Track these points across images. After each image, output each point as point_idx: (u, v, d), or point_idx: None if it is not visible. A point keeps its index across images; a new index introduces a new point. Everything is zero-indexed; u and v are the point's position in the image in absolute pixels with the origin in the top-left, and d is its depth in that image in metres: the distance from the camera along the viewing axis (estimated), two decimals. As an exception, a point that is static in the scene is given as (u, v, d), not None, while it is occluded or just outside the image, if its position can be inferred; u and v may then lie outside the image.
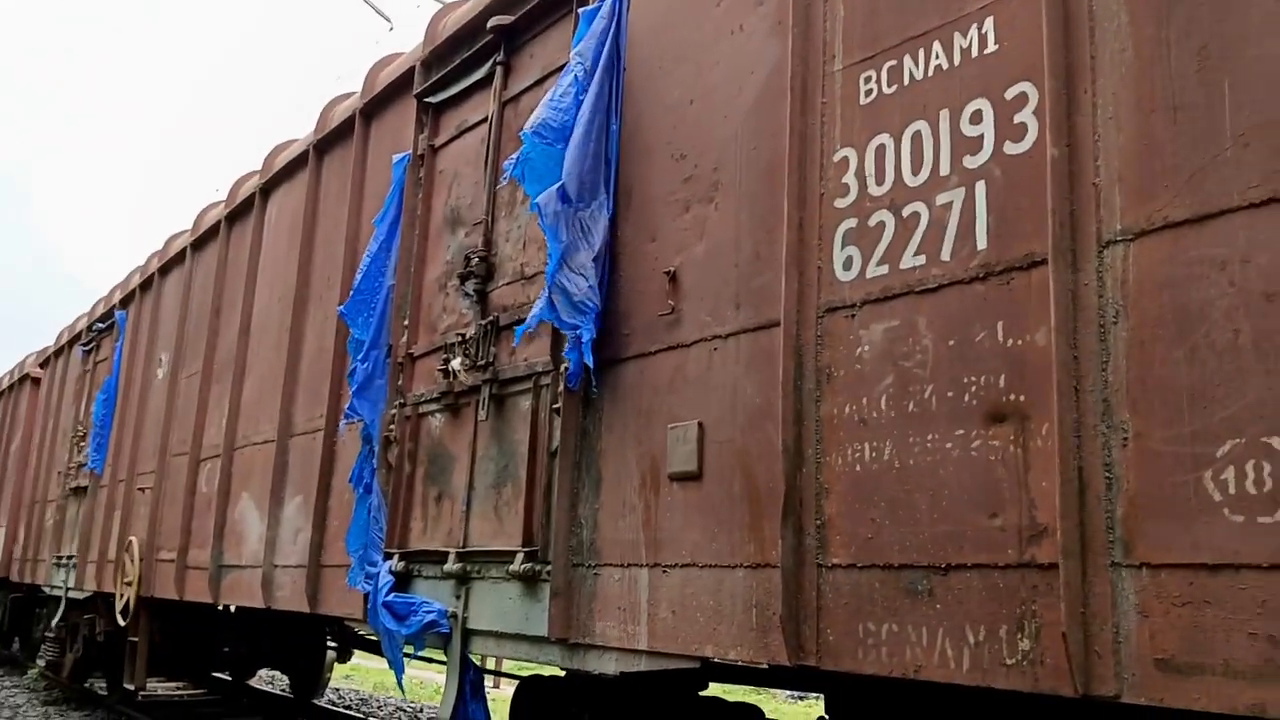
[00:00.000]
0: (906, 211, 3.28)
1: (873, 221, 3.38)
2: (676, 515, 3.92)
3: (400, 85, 6.73)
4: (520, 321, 4.73)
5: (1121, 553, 2.58)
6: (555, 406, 4.66)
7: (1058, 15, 2.94)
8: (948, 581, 2.95)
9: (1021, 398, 2.87)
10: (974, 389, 2.99)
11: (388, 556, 5.64)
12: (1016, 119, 3.03)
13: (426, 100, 6.35)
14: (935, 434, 3.06)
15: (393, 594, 5.41)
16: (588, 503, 4.40)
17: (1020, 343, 2.90)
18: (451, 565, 5.08)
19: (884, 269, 3.31)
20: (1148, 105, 2.73)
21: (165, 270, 10.99)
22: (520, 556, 4.60)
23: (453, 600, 5.14)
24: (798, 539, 3.37)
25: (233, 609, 8.99)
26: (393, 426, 5.92)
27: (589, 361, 4.32)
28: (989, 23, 3.16)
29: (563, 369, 4.55)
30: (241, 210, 9.16)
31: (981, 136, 3.11)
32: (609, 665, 4.13)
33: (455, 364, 5.41)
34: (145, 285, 11.56)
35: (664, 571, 3.92)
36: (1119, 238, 2.73)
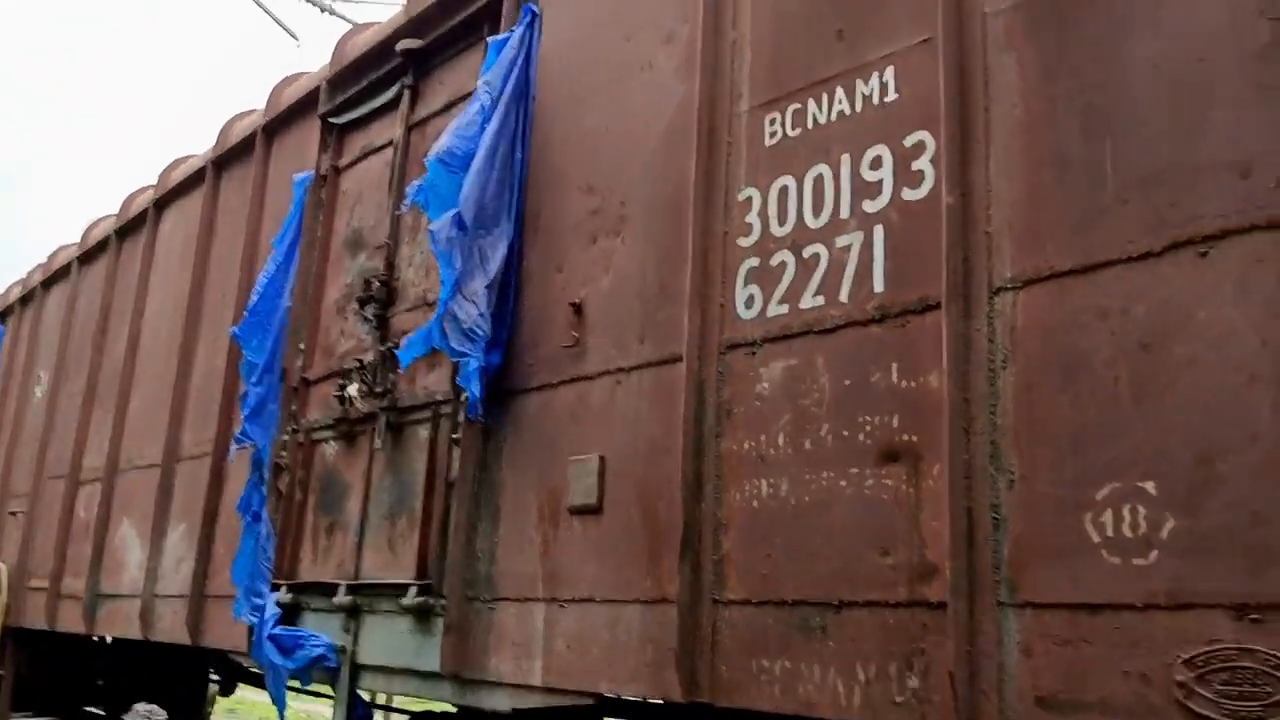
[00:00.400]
0: (807, 252, 3.34)
1: (774, 261, 3.43)
2: (575, 549, 3.89)
3: (305, 104, 6.61)
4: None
5: (1007, 592, 2.65)
6: (455, 436, 4.59)
7: (954, 69, 3.04)
8: (841, 619, 2.98)
9: (914, 438, 2.93)
10: (869, 428, 3.05)
11: (275, 588, 5.46)
12: (914, 166, 3.11)
13: (331, 121, 6.24)
14: (831, 472, 3.11)
15: (279, 626, 5.23)
16: (485, 535, 4.33)
17: (914, 384, 2.97)
18: (342, 598, 4.94)
19: (784, 308, 3.36)
20: (1037, 159, 2.83)
21: (49, 284, 10.52)
22: (414, 590, 4.50)
23: (342, 634, 5.00)
24: (695, 574, 3.38)
25: (109, 640, 8.58)
26: (284, 453, 5.75)
27: (474, 391, 4.29)
28: (890, 72, 3.26)
29: (463, 398, 4.49)
30: (134, 225, 8.84)
31: (881, 182, 3.19)
32: (502, 702, 4.06)
33: (352, 390, 5.30)
34: (26, 299, 11.04)
35: (561, 606, 3.88)
36: (1009, 285, 2.83)
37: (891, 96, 3.24)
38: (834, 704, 2.94)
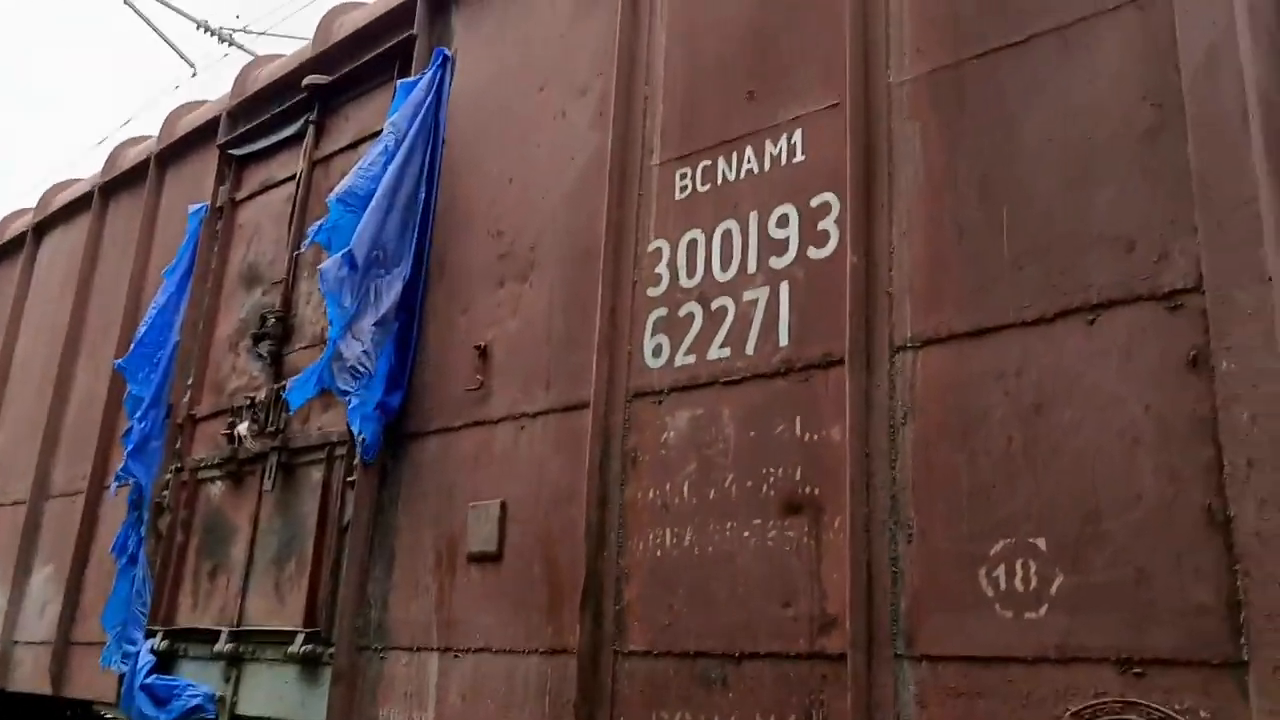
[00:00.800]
0: (715, 305, 3.39)
1: (682, 312, 3.47)
2: (473, 597, 3.82)
3: (203, 134, 6.44)
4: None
5: (904, 645, 2.71)
6: (350, 479, 4.48)
7: (860, 134, 3.15)
8: (741, 671, 3.00)
9: (816, 490, 2.99)
10: (772, 480, 3.09)
11: (150, 634, 5.20)
12: (820, 226, 3.21)
13: (231, 152, 6.10)
14: (734, 522, 3.14)
15: (153, 675, 4.98)
16: (378, 582, 4.23)
17: (817, 437, 3.03)
18: (223, 645, 4.74)
19: (691, 358, 3.40)
20: (937, 224, 2.95)
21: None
22: (301, 637, 4.35)
23: (222, 683, 4.79)
24: (596, 624, 3.35)
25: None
26: (166, 492, 5.52)
27: (364, 431, 4.25)
28: (798, 134, 3.36)
29: (360, 440, 4.40)
30: (9, 248, 8.44)
31: (787, 239, 3.27)
32: (391, 754, 3.94)
33: (242, 429, 5.13)
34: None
35: (456, 656, 3.80)
36: (909, 344, 2.92)
37: (799, 158, 3.33)
38: (733, 756, 2.95)
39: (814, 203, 3.24)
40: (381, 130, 4.68)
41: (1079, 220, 2.67)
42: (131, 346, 5.85)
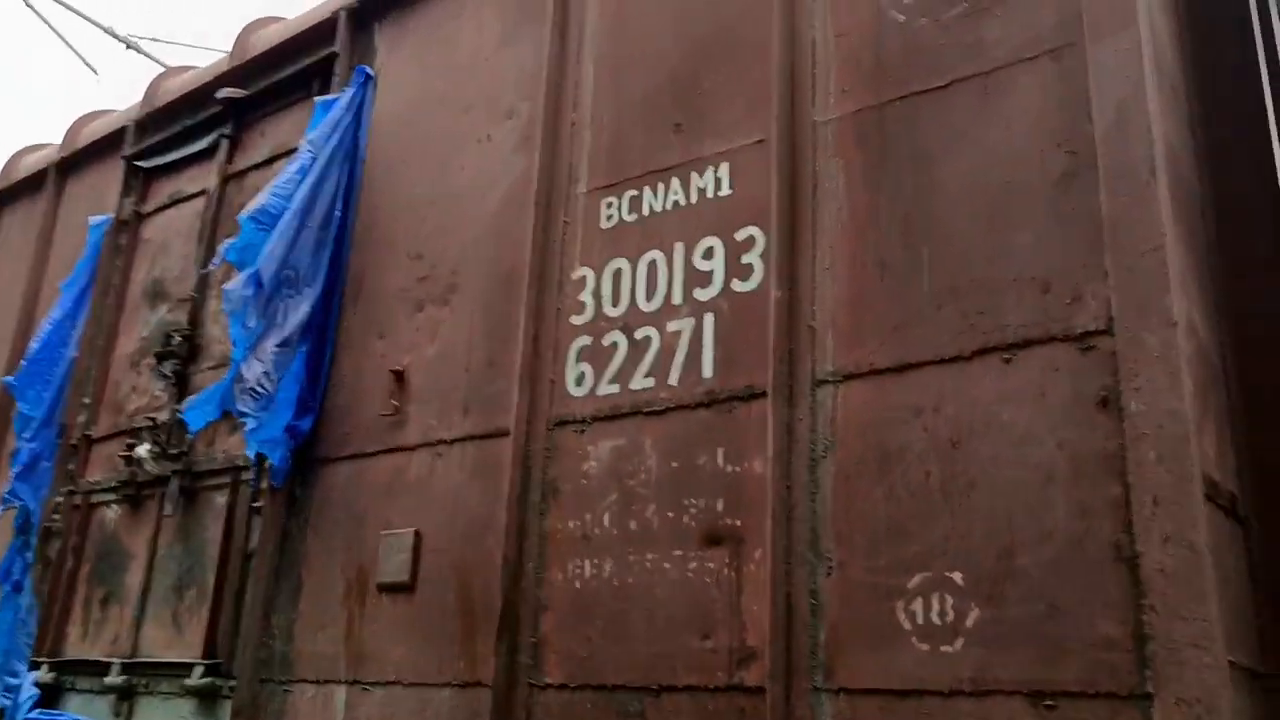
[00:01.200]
0: (639, 335, 3.39)
1: (606, 341, 3.46)
2: (383, 628, 3.72)
3: (108, 144, 6.22)
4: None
5: (823, 677, 2.72)
6: (256, 505, 4.34)
7: (785, 171, 3.20)
8: (660, 703, 2.98)
9: (738, 522, 3.00)
10: (694, 511, 3.09)
11: (34, 666, 4.94)
12: (744, 259, 3.24)
13: (138, 164, 5.90)
14: (655, 553, 3.12)
15: (37, 710, 4.73)
16: (284, 612, 4.09)
17: (739, 469, 3.04)
18: (115, 678, 4.53)
19: (615, 388, 3.39)
20: (860, 261, 3.00)
21: None
22: (200, 670, 4.18)
23: (112, 718, 4.56)
24: (511, 657, 3.30)
25: None
26: (57, 516, 5.26)
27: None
28: (724, 168, 3.39)
29: (267, 464, 4.27)
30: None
31: (712, 272, 3.29)
32: (293, 792, 3.80)
33: (142, 451, 4.93)
34: None
35: (365, 689, 3.69)
36: (830, 378, 2.96)
37: (725, 191, 3.37)
38: (649, 791, 2.92)
39: (739, 236, 3.27)
40: (298, 148, 4.58)
41: (996, 261, 2.75)
42: (22, 363, 5.58)
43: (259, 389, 4.12)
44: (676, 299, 3.35)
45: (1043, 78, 2.80)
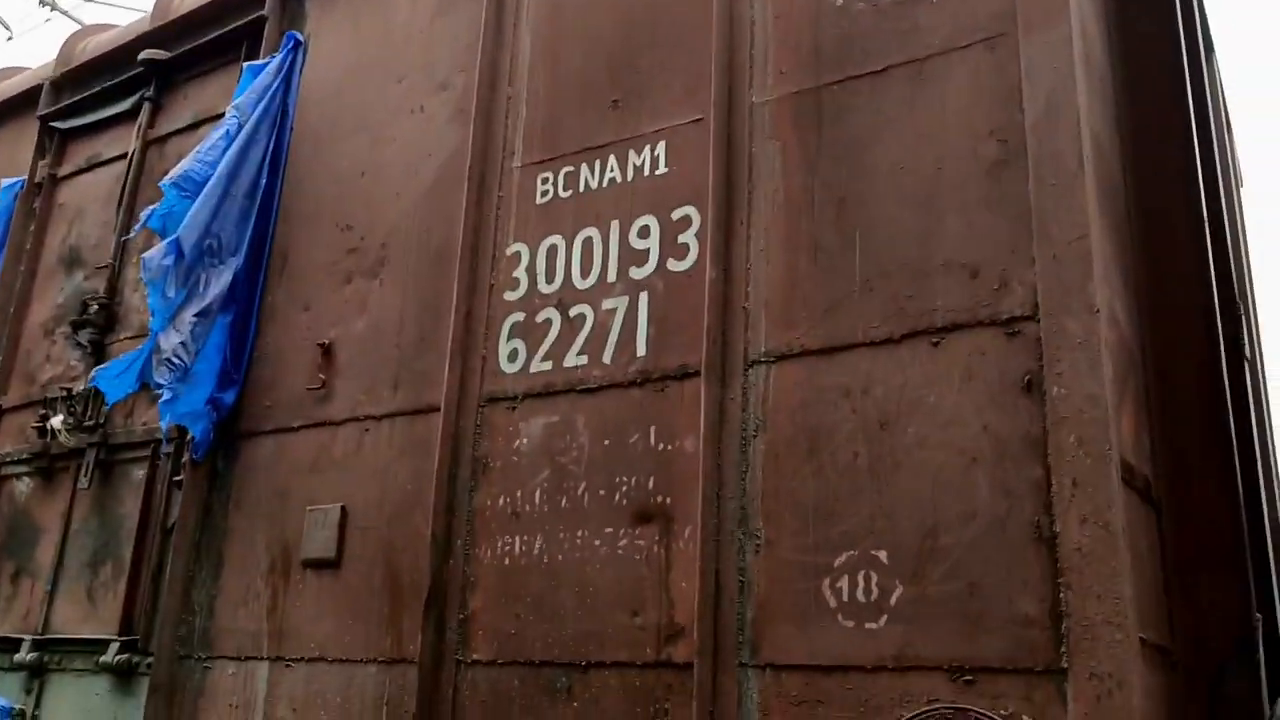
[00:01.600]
0: (573, 312, 3.38)
1: (540, 318, 3.44)
2: (308, 605, 3.67)
3: (21, 103, 5.97)
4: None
5: (749, 654, 2.75)
6: (176, 479, 4.24)
7: (722, 151, 3.20)
8: (587, 679, 2.99)
9: (668, 500, 3.01)
10: (625, 489, 3.09)
11: (-61, 643, 4.77)
12: (680, 239, 3.24)
13: (54, 124, 5.68)
14: (585, 531, 3.12)
15: (-59, 688, 4.57)
16: (204, 587, 4.01)
17: (670, 448, 3.06)
18: (25, 654, 4.40)
19: (548, 365, 3.37)
20: (794, 243, 3.03)
21: None
22: (116, 646, 4.08)
23: (22, 695, 4.43)
24: (438, 634, 3.27)
25: None
26: (-36, 488, 5.07)
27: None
28: (661, 147, 3.38)
29: (188, 437, 4.17)
30: None
31: (648, 251, 3.29)
32: (212, 770, 3.74)
33: (55, 422, 4.77)
34: None
35: (288, 665, 3.63)
36: (763, 359, 2.98)
37: (662, 170, 3.36)
38: (575, 766, 2.93)
39: (675, 215, 3.27)
40: (224, 113, 4.45)
41: (927, 246, 2.79)
42: (-72, 329, 5.35)
43: (175, 360, 4.02)
44: (611, 277, 3.34)
45: (976, 66, 2.84)
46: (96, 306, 4.91)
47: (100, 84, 5.51)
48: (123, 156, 5.24)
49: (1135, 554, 2.48)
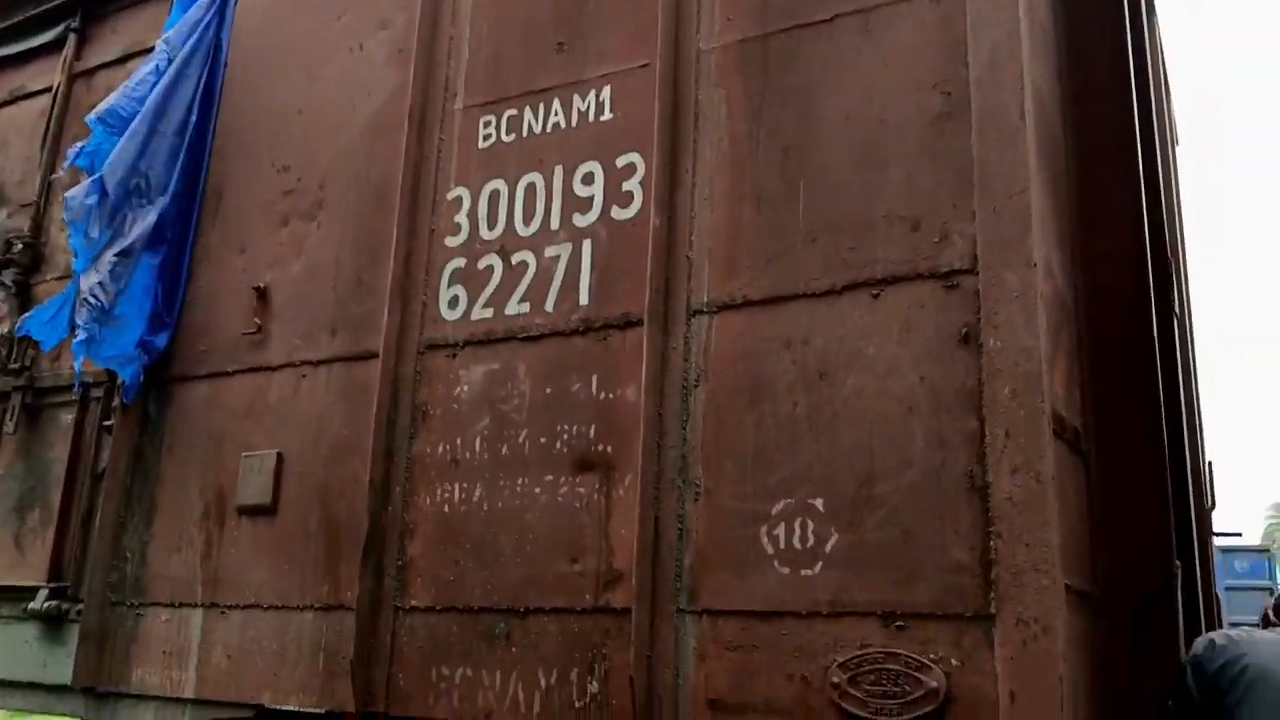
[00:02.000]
0: (515, 259, 3.34)
1: (481, 264, 3.40)
2: (243, 551, 3.63)
3: (-63, 31, 5.70)
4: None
5: (687, 599, 2.78)
6: (107, 423, 4.14)
7: (669, 97, 3.16)
8: (526, 625, 3.00)
9: (609, 448, 3.01)
10: (566, 437, 3.09)
11: None
12: (625, 186, 3.21)
13: (-28, 54, 5.43)
14: (525, 478, 3.12)
15: None
16: (136, 534, 3.94)
17: (612, 396, 3.05)
18: (-51, 602, 4.29)
19: (489, 312, 3.34)
20: (738, 192, 3.01)
21: None
22: (44, 593, 4.01)
23: (-54, 643, 4.34)
24: (376, 580, 3.26)
25: None
26: (-117, 432, 4.91)
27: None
28: (606, 92, 3.33)
29: (118, 382, 4.07)
30: None
31: (592, 198, 3.25)
32: (146, 717, 3.70)
33: (-22, 365, 4.63)
34: None
35: (223, 612, 3.60)
36: (705, 309, 2.98)
37: (607, 115, 3.32)
38: (513, 711, 2.95)
39: (620, 162, 3.24)
40: (154, 47, 4.30)
41: (869, 198, 2.80)
42: None
43: (92, 299, 3.90)
44: (554, 224, 3.30)
45: (922, 18, 2.83)
46: (21, 246, 4.76)
47: (23, 12, 5.27)
48: (48, 90, 5.05)
49: (1064, 503, 2.54)
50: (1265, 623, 3.02)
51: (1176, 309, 3.60)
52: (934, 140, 2.74)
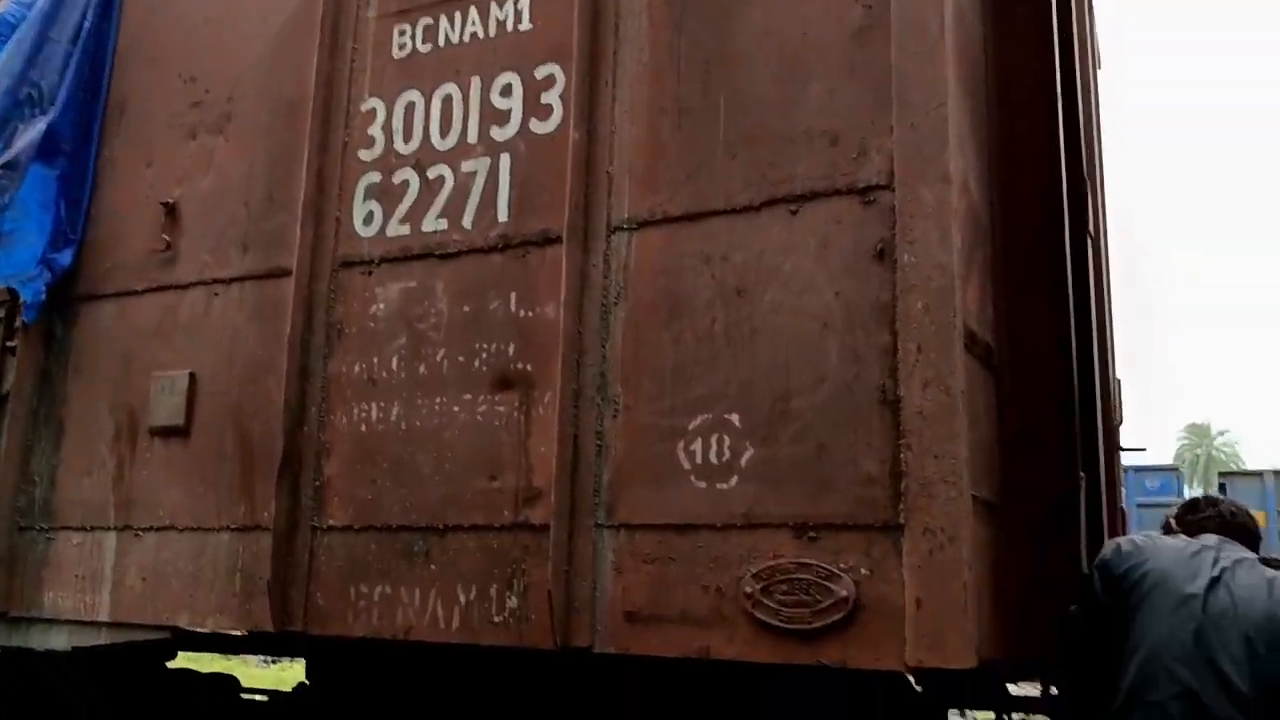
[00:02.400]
0: (432, 174, 3.26)
1: (397, 179, 3.31)
2: (156, 473, 3.56)
3: None
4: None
5: (605, 514, 2.80)
6: (10, 344, 4.00)
7: (588, 7, 3.08)
8: (445, 543, 3.00)
9: (528, 366, 2.99)
10: (485, 355, 3.06)
11: None
12: (544, 99, 3.13)
13: None
14: (444, 397, 3.09)
15: None
16: (44, 456, 3.83)
17: (531, 314, 3.02)
18: None
19: (405, 229, 3.26)
20: (658, 105, 2.96)
21: None
22: (-51, 519, 3.89)
23: None
24: (293, 500, 3.22)
25: None
26: None
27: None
28: (525, 0, 3.23)
29: (20, 300, 3.92)
30: None
31: (510, 110, 3.18)
32: (60, 640, 3.64)
33: None
34: None
35: (136, 535, 3.54)
36: (625, 225, 2.95)
37: (525, 25, 3.22)
38: (432, 627, 2.96)
39: (539, 74, 3.16)
40: (47, -53, 4.06)
41: (789, 113, 2.77)
42: None
43: None
44: (472, 137, 3.22)
45: (845, -73, 2.78)
46: (-91, 159, 4.50)
47: (-97, -93, 4.93)
48: (-67, -8, 4.75)
49: (973, 417, 2.59)
50: (1167, 530, 3.13)
51: (1091, 228, 3.66)
52: (854, 54, 2.71)
